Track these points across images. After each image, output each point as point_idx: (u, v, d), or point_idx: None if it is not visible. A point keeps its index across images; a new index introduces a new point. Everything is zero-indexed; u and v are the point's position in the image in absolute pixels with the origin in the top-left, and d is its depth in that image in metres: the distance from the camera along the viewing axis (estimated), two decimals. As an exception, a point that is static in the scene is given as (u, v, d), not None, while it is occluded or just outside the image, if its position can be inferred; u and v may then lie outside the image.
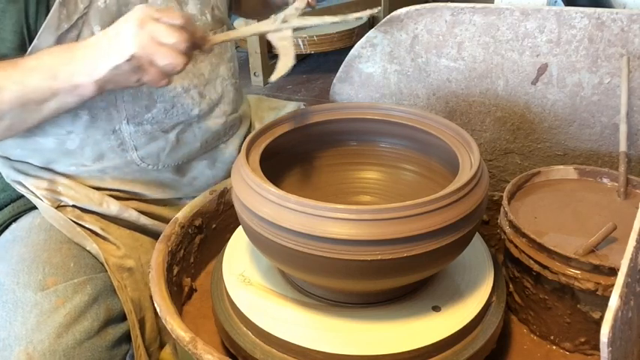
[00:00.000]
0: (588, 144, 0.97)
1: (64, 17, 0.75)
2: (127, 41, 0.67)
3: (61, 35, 0.76)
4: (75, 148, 0.85)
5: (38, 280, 0.77)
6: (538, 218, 0.78)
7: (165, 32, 0.66)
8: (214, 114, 0.94)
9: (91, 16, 0.77)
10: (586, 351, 0.74)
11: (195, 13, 0.88)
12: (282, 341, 0.65)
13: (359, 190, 0.86)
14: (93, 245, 0.83)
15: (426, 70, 1.02)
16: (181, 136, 0.91)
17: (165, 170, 0.92)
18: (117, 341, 0.79)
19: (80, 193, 0.88)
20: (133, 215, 0.90)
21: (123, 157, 0.87)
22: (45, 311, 0.74)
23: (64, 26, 0.75)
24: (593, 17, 0.88)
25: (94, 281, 0.79)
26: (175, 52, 0.66)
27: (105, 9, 0.78)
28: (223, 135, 0.98)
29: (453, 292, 0.71)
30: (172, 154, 0.91)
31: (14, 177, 0.89)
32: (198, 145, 0.94)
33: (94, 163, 0.87)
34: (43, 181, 0.87)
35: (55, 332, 0.72)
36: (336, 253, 0.59)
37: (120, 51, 0.67)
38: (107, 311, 0.79)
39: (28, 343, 0.71)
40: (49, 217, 0.85)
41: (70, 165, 0.88)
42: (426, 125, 0.78)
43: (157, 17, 0.67)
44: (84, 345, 0.74)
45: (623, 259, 0.50)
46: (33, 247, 0.81)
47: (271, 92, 2.75)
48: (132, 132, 0.86)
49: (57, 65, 0.71)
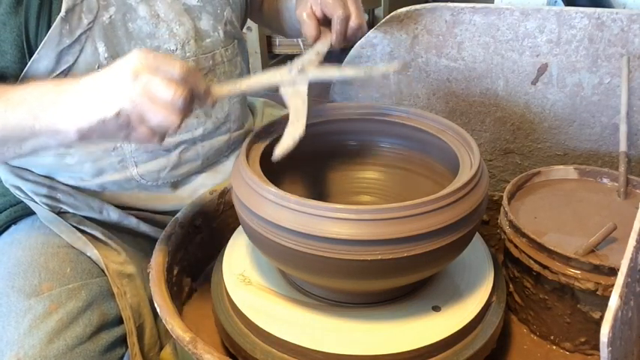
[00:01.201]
0: (588, 144, 0.97)
1: (65, 32, 0.74)
2: (116, 93, 0.58)
3: (62, 50, 0.74)
4: (74, 163, 0.84)
5: (34, 285, 0.76)
6: (538, 218, 0.78)
7: (160, 86, 0.57)
8: (219, 132, 0.93)
9: (96, 32, 0.76)
10: (586, 351, 0.74)
11: (207, 29, 0.87)
12: (282, 341, 0.65)
13: (359, 190, 0.86)
14: (94, 251, 0.82)
15: (426, 70, 1.02)
16: (183, 154, 0.89)
17: (165, 186, 0.91)
18: (110, 345, 0.78)
19: (80, 200, 0.87)
20: (133, 222, 0.90)
21: (122, 174, 0.86)
22: (38, 316, 0.73)
23: (65, 42, 0.74)
24: (593, 17, 0.88)
25: (89, 286, 0.79)
26: (170, 109, 0.58)
27: (110, 25, 0.76)
28: (225, 150, 0.97)
29: (453, 292, 0.71)
30: (173, 172, 0.90)
31: (13, 182, 0.87)
32: (200, 163, 0.92)
33: (93, 179, 0.86)
34: (43, 187, 0.86)
35: (47, 338, 0.71)
36: (336, 253, 0.59)
37: (108, 104, 0.59)
38: (101, 316, 0.78)
39: (19, 348, 0.70)
40: (49, 223, 0.84)
41: (69, 179, 0.87)
42: (426, 125, 0.78)
43: (155, 67, 0.58)
44: (75, 350, 0.73)
45: (623, 259, 0.50)
46: (30, 251, 0.80)
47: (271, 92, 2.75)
48: (133, 149, 0.85)
49: (40, 106, 0.63)
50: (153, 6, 0.81)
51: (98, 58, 0.77)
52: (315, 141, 0.83)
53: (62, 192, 0.87)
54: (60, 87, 0.64)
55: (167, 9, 0.82)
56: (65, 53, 0.75)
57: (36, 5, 0.72)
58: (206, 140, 0.91)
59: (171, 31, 0.82)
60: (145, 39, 0.80)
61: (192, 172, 0.93)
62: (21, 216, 0.88)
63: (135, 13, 0.80)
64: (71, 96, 0.62)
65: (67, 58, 0.75)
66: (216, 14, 0.89)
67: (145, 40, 0.80)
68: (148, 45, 0.81)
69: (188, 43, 0.84)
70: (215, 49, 0.88)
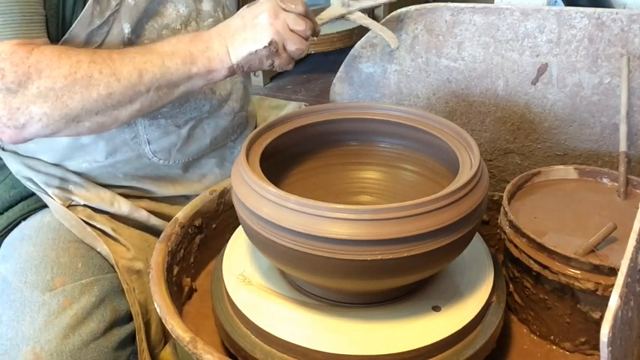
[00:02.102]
0: (588, 144, 0.97)
1: (97, 13, 0.76)
2: (264, 29, 0.75)
3: (92, 31, 0.76)
4: (89, 142, 0.86)
5: (46, 280, 0.77)
6: (538, 218, 0.78)
7: (295, 20, 0.76)
8: (223, 110, 0.95)
9: (122, 13, 0.78)
10: (586, 351, 0.74)
11: (209, 9, 0.90)
12: (282, 341, 0.65)
13: (359, 190, 0.86)
14: (103, 247, 0.83)
15: (426, 70, 1.02)
16: (192, 131, 0.92)
17: (175, 166, 0.93)
18: (122, 342, 0.79)
19: (91, 192, 0.88)
20: (144, 215, 0.91)
21: (135, 151, 0.88)
22: (53, 312, 0.74)
23: (96, 22, 0.76)
24: (593, 17, 0.88)
25: (101, 282, 0.80)
26: (302, 38, 0.77)
27: (134, 6, 0.79)
28: (232, 133, 0.99)
29: (453, 292, 0.71)
30: (183, 150, 0.92)
31: (25, 173, 0.88)
32: (208, 142, 0.95)
33: (106, 159, 0.87)
34: (55, 178, 0.87)
35: (63, 333, 0.73)
36: (336, 253, 0.59)
37: (259, 38, 0.75)
38: (113, 312, 0.79)
39: (35, 343, 0.71)
40: (60, 217, 0.85)
41: (82, 162, 0.88)
42: (426, 125, 0.78)
43: (284, 7, 0.75)
44: (90, 346, 0.74)
45: (623, 259, 0.50)
46: (42, 247, 0.81)
47: (271, 92, 2.75)
48: (146, 125, 0.87)
49: (195, 52, 0.76)
50: None
51: (123, 38, 0.80)
52: (315, 141, 0.83)
53: (74, 183, 0.88)
54: (204, 35, 0.78)
55: None
56: (95, 34, 0.77)
57: None
58: (212, 118, 0.94)
59: (178, 11, 0.86)
60: (157, 17, 0.84)
61: (202, 154, 0.95)
62: (32, 211, 0.88)
63: None
64: (220, 40, 0.77)
65: (96, 39, 0.77)
66: None
67: (157, 19, 0.84)
68: (159, 23, 0.84)
69: (190, 24, 0.87)
70: None
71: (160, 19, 0.84)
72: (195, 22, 0.88)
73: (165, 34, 0.84)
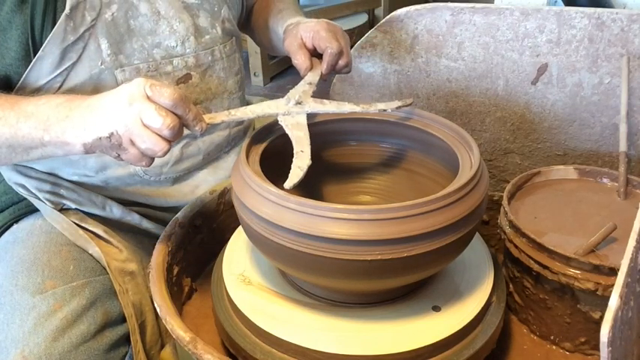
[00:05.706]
0: (588, 144, 0.97)
1: (70, 29, 0.75)
2: (113, 116, 0.64)
3: (66, 47, 0.75)
4: (78, 158, 0.85)
5: (37, 283, 0.76)
6: (538, 218, 0.78)
7: (152, 114, 0.62)
8: (219, 127, 0.93)
9: (98, 29, 0.77)
10: (586, 351, 0.74)
11: (205, 26, 0.88)
12: (282, 341, 0.65)
13: (359, 190, 0.86)
14: (95, 249, 0.83)
15: (426, 70, 1.02)
16: (185, 149, 0.90)
17: (167, 181, 0.91)
18: (114, 344, 0.78)
19: (83, 196, 0.87)
20: (136, 218, 0.90)
21: (126, 169, 0.87)
22: (42, 314, 0.73)
23: (69, 38, 0.75)
24: (593, 17, 0.88)
25: (92, 284, 0.79)
26: (158, 136, 0.63)
27: (112, 22, 0.78)
28: (226, 146, 0.97)
29: (453, 292, 0.71)
30: (175, 167, 0.90)
31: (16, 179, 0.88)
32: (201, 158, 0.93)
33: (96, 174, 0.86)
34: (46, 183, 0.86)
35: (52, 336, 0.72)
36: (336, 253, 0.59)
37: (105, 124, 0.65)
38: (105, 314, 0.78)
39: (24, 346, 0.71)
40: (52, 220, 0.85)
41: (73, 174, 0.87)
42: (426, 125, 0.78)
43: (150, 95, 0.63)
44: (80, 348, 0.73)
45: (623, 259, 0.50)
46: (33, 249, 0.81)
47: (271, 92, 2.75)
48: None
49: (51, 119, 0.68)
50: (154, 3, 0.82)
51: (101, 54, 0.78)
52: (315, 141, 0.83)
53: (65, 188, 0.87)
54: (72, 103, 0.68)
55: (167, 6, 0.83)
56: (69, 50, 0.76)
57: (42, 3, 0.73)
58: (206, 135, 0.92)
59: (172, 27, 0.83)
60: (147, 36, 0.81)
61: (194, 168, 0.93)
62: (23, 214, 0.88)
63: (136, 10, 0.80)
64: (81, 113, 0.67)
65: (71, 55, 0.76)
66: (213, 12, 0.90)
67: (147, 37, 0.81)
68: (150, 41, 0.81)
69: (188, 40, 0.85)
70: (214, 46, 0.89)
71: (151, 38, 0.81)
72: (194, 37, 0.86)
73: (156, 53, 0.82)
